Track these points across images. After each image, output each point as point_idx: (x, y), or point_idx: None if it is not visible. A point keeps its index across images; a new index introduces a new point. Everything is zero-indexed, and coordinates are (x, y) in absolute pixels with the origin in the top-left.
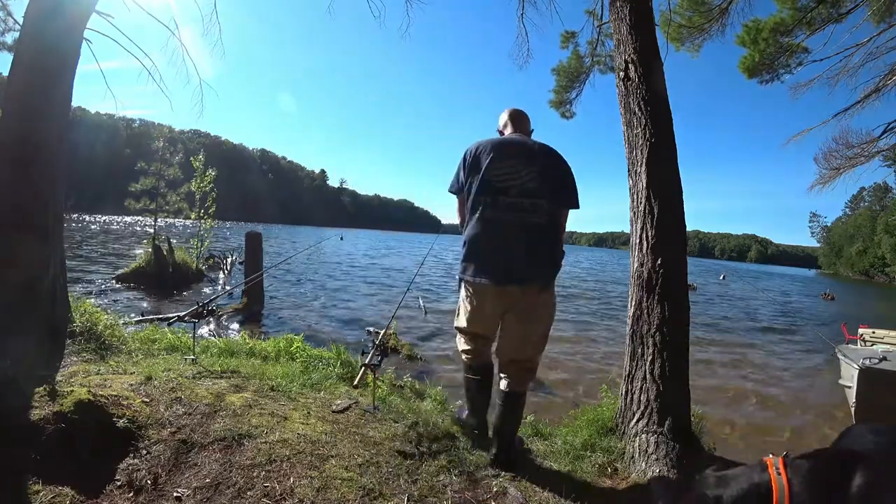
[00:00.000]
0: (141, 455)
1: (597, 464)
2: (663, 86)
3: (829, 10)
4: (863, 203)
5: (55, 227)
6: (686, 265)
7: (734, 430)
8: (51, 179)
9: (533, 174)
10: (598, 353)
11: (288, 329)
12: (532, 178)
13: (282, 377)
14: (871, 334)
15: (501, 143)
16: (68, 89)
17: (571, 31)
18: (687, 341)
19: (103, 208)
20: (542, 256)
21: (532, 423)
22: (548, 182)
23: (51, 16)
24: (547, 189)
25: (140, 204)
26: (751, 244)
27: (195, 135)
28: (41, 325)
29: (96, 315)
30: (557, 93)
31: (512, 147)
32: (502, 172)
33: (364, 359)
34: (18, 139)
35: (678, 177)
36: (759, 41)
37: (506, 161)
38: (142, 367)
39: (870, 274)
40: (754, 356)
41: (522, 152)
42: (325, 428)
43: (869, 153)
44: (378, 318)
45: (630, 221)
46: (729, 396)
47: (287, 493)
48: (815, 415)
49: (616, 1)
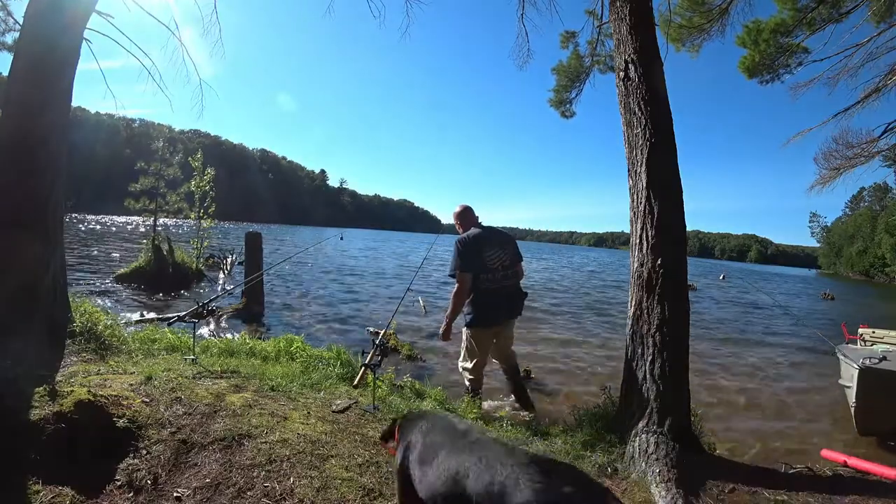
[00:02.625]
0: (141, 455)
1: (597, 464)
2: (663, 86)
3: (830, 11)
4: (863, 203)
5: (55, 226)
6: (686, 265)
7: (732, 430)
8: (51, 179)
9: (507, 253)
10: (597, 354)
11: (288, 329)
12: (507, 256)
13: (282, 377)
14: (871, 334)
15: (487, 237)
16: (68, 89)
17: (571, 31)
18: (687, 341)
19: (103, 208)
20: (519, 301)
21: (532, 423)
22: (512, 256)
23: (51, 16)
24: (514, 260)
25: (140, 204)
26: (751, 244)
27: (195, 135)
28: (41, 325)
29: (96, 315)
30: (557, 92)
31: (493, 238)
32: (494, 257)
33: (364, 359)
34: (18, 139)
35: (678, 177)
36: (759, 42)
37: (494, 249)
38: (142, 367)
39: (870, 274)
40: (753, 356)
41: (499, 240)
42: (325, 428)
43: (869, 153)
44: (378, 318)
45: (630, 221)
46: (728, 396)
47: (287, 493)
48: (814, 415)
49: (616, 1)
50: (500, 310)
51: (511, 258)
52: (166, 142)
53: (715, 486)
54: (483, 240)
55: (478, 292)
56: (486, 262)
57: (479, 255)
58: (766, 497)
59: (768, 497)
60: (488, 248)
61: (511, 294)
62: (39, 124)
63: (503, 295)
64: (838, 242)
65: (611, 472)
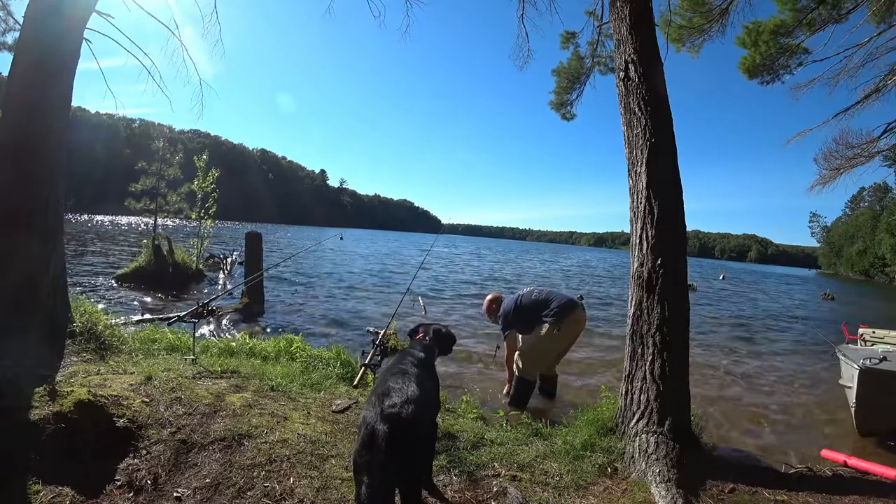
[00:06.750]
0: (141, 455)
1: (597, 464)
2: (663, 86)
3: (830, 11)
4: (863, 203)
5: (55, 227)
6: (686, 265)
7: (732, 430)
8: (50, 179)
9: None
10: (597, 354)
11: (288, 329)
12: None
13: (282, 377)
14: (871, 334)
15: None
16: (68, 89)
17: (572, 32)
18: (687, 341)
19: (103, 208)
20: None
21: (532, 423)
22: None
23: (51, 16)
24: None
25: (140, 204)
26: (751, 244)
27: (195, 135)
28: (41, 325)
29: (96, 315)
30: (558, 94)
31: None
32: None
33: (364, 359)
34: (18, 139)
35: (678, 177)
36: (759, 43)
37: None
38: (142, 367)
39: (870, 274)
40: (753, 356)
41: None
42: (325, 428)
43: (869, 153)
44: (378, 318)
45: (630, 221)
46: (727, 396)
47: (287, 493)
48: (814, 414)
49: (616, 1)
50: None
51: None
52: (166, 142)
53: (715, 486)
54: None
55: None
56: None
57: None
58: (766, 497)
59: (768, 497)
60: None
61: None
62: (39, 124)
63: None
64: (838, 242)
65: (611, 472)
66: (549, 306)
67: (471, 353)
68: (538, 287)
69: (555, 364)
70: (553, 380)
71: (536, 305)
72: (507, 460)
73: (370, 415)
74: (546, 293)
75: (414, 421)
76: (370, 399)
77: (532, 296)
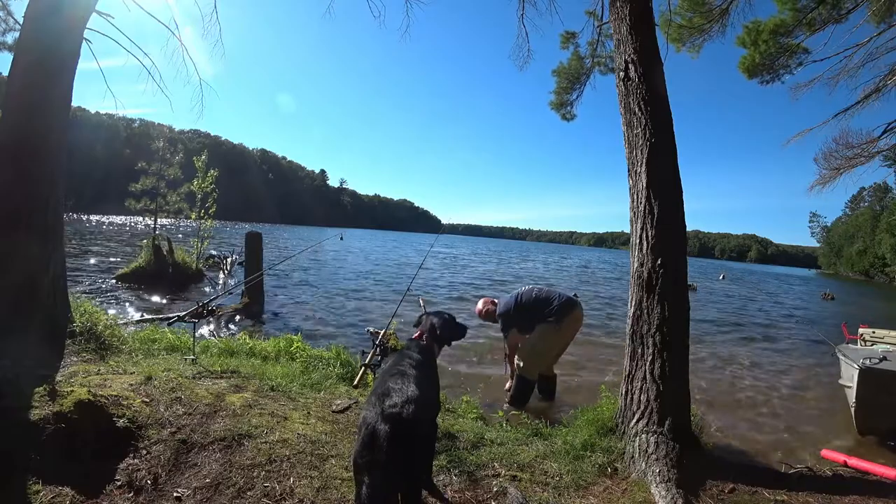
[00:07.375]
0: (141, 455)
1: (597, 464)
2: (663, 86)
3: (830, 11)
4: (863, 203)
5: (55, 227)
6: (686, 265)
7: (732, 430)
8: (50, 179)
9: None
10: (597, 354)
11: (288, 329)
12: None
13: (282, 377)
14: (871, 334)
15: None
16: (68, 89)
17: (572, 32)
18: (687, 341)
19: (103, 208)
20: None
21: (532, 423)
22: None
23: (51, 16)
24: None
25: (140, 204)
26: (751, 244)
27: (195, 135)
28: (41, 325)
29: (96, 315)
30: (558, 94)
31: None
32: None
33: (364, 359)
34: (18, 139)
35: (678, 177)
36: (759, 43)
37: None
38: (142, 367)
39: (870, 274)
40: (753, 356)
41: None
42: (325, 428)
43: (869, 153)
44: (378, 318)
45: (630, 221)
46: (727, 396)
47: (287, 493)
48: (814, 415)
49: (616, 1)
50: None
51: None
52: (166, 142)
53: (715, 486)
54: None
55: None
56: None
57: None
58: (766, 497)
59: (768, 497)
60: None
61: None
62: (39, 124)
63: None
64: (838, 242)
65: (611, 472)
66: (550, 304)
67: (471, 352)
68: (537, 285)
69: (553, 363)
70: (552, 380)
71: (537, 303)
72: (507, 460)
73: (371, 415)
74: (546, 291)
75: (414, 421)
76: (370, 399)
77: (532, 294)
